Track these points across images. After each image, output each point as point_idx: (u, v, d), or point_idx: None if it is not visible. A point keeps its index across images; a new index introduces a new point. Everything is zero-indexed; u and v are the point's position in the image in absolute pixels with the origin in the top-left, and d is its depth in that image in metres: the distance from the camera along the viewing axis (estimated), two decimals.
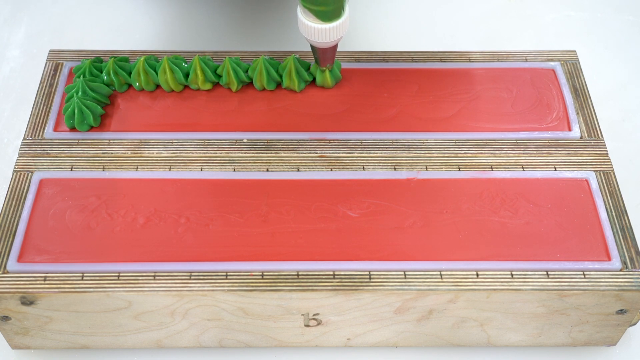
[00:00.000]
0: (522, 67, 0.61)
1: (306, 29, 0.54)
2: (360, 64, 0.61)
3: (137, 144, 0.56)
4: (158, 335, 0.53)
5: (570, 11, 0.78)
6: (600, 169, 0.55)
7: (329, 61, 0.57)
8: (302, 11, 0.54)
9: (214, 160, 0.55)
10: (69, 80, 0.60)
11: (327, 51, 0.56)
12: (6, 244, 0.51)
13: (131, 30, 0.75)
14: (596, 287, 0.49)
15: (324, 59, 0.57)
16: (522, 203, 0.53)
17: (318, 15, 0.53)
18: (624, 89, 0.72)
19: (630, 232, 0.52)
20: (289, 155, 0.56)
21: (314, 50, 0.56)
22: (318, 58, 0.57)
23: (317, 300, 0.50)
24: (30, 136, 0.57)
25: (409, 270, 0.50)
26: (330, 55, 0.56)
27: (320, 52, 0.56)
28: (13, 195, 0.53)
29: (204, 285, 0.49)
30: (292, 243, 0.51)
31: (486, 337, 0.53)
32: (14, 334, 0.52)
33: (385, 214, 0.52)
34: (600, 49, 0.75)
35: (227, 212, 0.52)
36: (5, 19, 0.77)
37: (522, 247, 0.51)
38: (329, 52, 0.56)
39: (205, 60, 0.59)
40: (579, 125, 0.58)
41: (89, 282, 0.49)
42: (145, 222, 0.52)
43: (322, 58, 0.57)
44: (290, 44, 0.73)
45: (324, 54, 0.56)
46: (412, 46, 0.73)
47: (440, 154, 0.56)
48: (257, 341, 0.54)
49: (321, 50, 0.56)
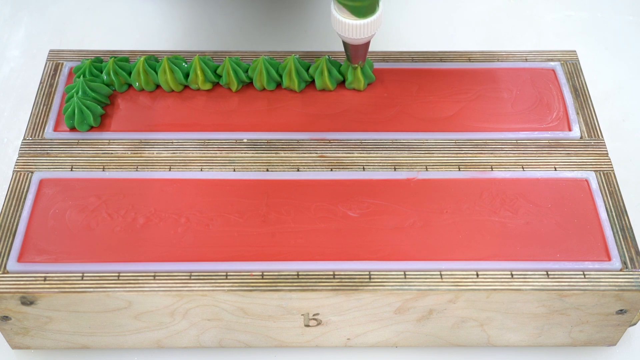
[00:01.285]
0: (522, 67, 0.61)
1: (340, 25, 0.54)
2: None
3: (137, 144, 0.56)
4: (158, 335, 0.53)
5: (570, 11, 0.78)
6: (600, 169, 0.55)
7: (360, 58, 0.57)
8: (337, 7, 0.54)
9: (214, 160, 0.55)
10: (69, 80, 0.60)
11: (359, 48, 0.56)
12: (6, 244, 0.51)
13: (131, 30, 0.75)
14: (596, 287, 0.49)
15: (355, 56, 0.57)
16: (522, 203, 0.53)
17: (353, 11, 0.53)
18: (624, 89, 0.72)
19: (630, 232, 0.52)
20: (289, 155, 0.56)
21: (346, 47, 0.56)
22: (350, 55, 0.57)
23: (317, 300, 0.50)
24: (30, 136, 0.57)
25: (409, 270, 0.50)
26: (362, 53, 0.56)
27: (352, 48, 0.56)
28: (13, 195, 0.53)
29: (204, 285, 0.49)
30: (292, 243, 0.51)
31: (486, 337, 0.53)
32: (14, 334, 0.52)
33: (385, 214, 0.52)
34: (600, 49, 0.75)
35: (227, 212, 0.52)
36: (5, 19, 0.77)
37: (522, 247, 0.51)
38: (361, 49, 0.56)
39: (205, 60, 0.59)
40: (579, 125, 0.58)
41: (89, 282, 0.49)
42: (145, 222, 0.52)
43: (354, 55, 0.57)
44: (291, 44, 0.73)
45: (356, 51, 0.56)
46: (412, 46, 0.73)
47: (440, 154, 0.56)
48: (257, 341, 0.54)
49: (353, 47, 0.56)
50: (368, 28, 0.54)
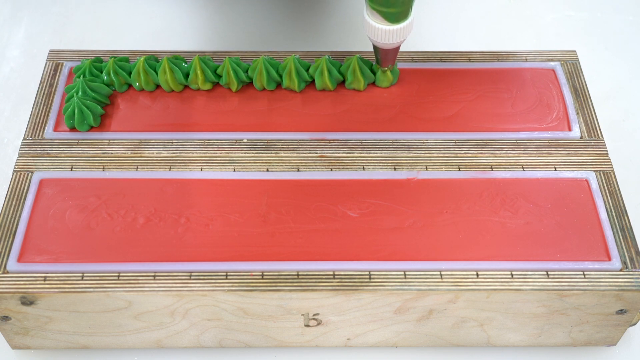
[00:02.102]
0: (522, 67, 0.61)
1: (372, 30, 0.55)
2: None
3: (137, 144, 0.56)
4: (158, 335, 0.53)
5: (570, 11, 0.78)
6: (600, 169, 0.55)
7: (390, 62, 0.58)
8: (369, 13, 0.54)
9: (214, 160, 0.55)
10: (69, 80, 0.60)
11: (389, 52, 0.57)
12: (6, 244, 0.51)
13: (131, 30, 0.75)
14: (596, 287, 0.49)
15: (385, 60, 0.57)
16: (522, 203, 0.53)
17: (386, 16, 0.54)
18: (624, 89, 0.72)
19: (630, 232, 0.52)
20: (289, 155, 0.56)
21: (376, 50, 0.57)
22: (380, 59, 0.58)
23: (317, 300, 0.50)
24: (30, 136, 0.57)
25: (409, 270, 0.50)
26: (392, 56, 0.57)
27: (382, 52, 0.57)
28: (13, 195, 0.53)
29: (204, 285, 0.49)
30: (292, 243, 0.51)
31: (486, 337, 0.53)
32: (14, 334, 0.52)
33: (385, 214, 0.52)
34: (600, 49, 0.75)
35: (227, 212, 0.52)
36: (5, 19, 0.77)
37: (522, 247, 0.51)
38: (392, 53, 0.57)
39: (205, 60, 0.59)
40: (579, 125, 0.58)
41: (89, 282, 0.49)
42: (145, 222, 0.52)
43: (384, 59, 0.57)
44: (291, 44, 0.73)
45: (386, 55, 0.57)
46: (412, 46, 0.73)
47: (440, 154, 0.56)
48: (257, 341, 0.54)
49: (384, 51, 0.57)
50: (400, 33, 0.55)
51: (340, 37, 0.74)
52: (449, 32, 0.76)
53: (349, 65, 0.58)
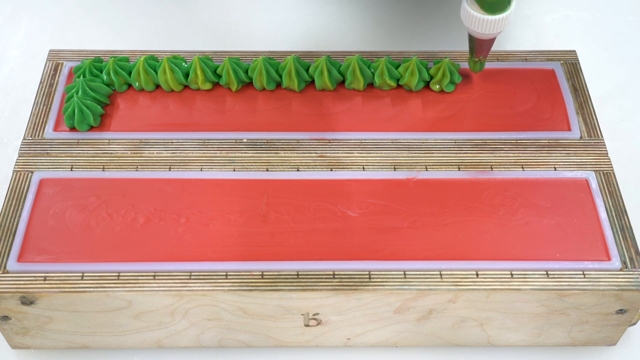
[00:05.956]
0: (522, 67, 0.61)
1: (469, 18, 0.54)
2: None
3: (137, 144, 0.56)
4: (158, 335, 0.53)
5: (570, 11, 0.78)
6: (600, 169, 0.55)
7: (483, 53, 0.57)
8: (470, 1, 0.54)
9: (214, 160, 0.55)
10: (69, 80, 0.60)
11: (484, 43, 0.56)
12: (6, 244, 0.51)
13: (131, 30, 0.75)
14: (596, 287, 0.49)
15: (479, 50, 0.57)
16: (522, 203, 0.53)
17: (484, 6, 0.54)
18: (624, 89, 0.72)
19: (630, 232, 0.52)
20: (289, 155, 0.56)
21: (471, 40, 0.57)
22: (474, 48, 0.57)
23: (317, 300, 0.50)
24: (30, 136, 0.57)
25: (409, 270, 0.50)
26: (486, 48, 0.57)
27: (477, 42, 0.56)
28: (13, 195, 0.53)
29: (204, 285, 0.49)
30: (291, 243, 0.51)
31: (486, 337, 0.53)
32: (14, 334, 0.52)
33: (385, 214, 0.52)
34: (600, 49, 0.75)
35: (227, 212, 0.52)
36: (5, 19, 0.77)
37: (522, 247, 0.51)
38: (486, 44, 0.56)
39: (205, 60, 0.59)
40: (579, 125, 0.58)
41: (89, 282, 0.49)
42: (145, 222, 0.52)
43: (478, 49, 0.57)
44: (291, 44, 0.73)
45: (480, 46, 0.57)
46: (412, 46, 0.73)
47: (440, 154, 0.56)
48: (257, 341, 0.54)
49: (479, 41, 0.56)
50: (496, 24, 0.54)
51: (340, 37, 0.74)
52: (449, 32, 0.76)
53: (348, 65, 0.58)
